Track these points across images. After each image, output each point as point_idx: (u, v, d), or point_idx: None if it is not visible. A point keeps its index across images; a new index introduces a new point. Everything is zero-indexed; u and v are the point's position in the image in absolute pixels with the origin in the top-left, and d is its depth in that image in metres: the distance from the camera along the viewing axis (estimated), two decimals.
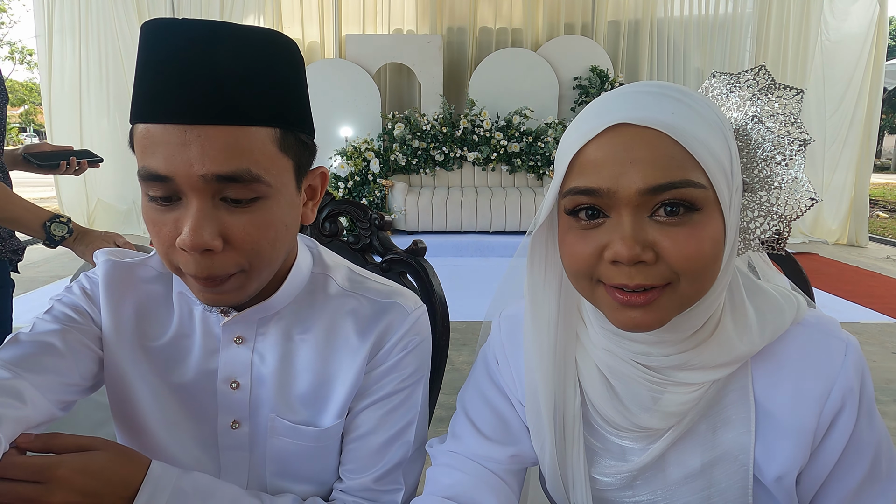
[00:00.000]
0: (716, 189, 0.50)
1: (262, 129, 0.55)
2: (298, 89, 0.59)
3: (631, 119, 0.49)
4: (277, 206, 0.59)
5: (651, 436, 0.61)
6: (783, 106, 0.56)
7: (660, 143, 0.49)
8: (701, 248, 0.49)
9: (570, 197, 0.52)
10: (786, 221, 0.55)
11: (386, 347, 0.70)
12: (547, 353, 0.62)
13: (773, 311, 0.58)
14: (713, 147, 0.50)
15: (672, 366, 0.57)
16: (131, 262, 0.71)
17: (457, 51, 6.91)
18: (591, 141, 0.51)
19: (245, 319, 0.67)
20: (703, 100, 0.53)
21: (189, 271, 0.57)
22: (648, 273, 0.50)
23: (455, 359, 2.86)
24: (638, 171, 0.49)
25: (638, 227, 0.50)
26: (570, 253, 0.54)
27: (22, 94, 29.67)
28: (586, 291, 0.55)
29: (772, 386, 0.58)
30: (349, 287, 0.72)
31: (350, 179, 5.71)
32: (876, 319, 3.69)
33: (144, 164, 0.54)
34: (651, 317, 0.51)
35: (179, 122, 0.52)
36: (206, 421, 0.69)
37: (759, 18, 6.19)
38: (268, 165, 0.56)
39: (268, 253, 0.59)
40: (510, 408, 0.70)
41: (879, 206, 8.75)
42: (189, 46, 0.52)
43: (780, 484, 0.57)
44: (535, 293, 0.62)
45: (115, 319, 0.68)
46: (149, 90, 0.53)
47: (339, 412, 0.69)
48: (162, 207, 0.56)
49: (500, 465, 0.67)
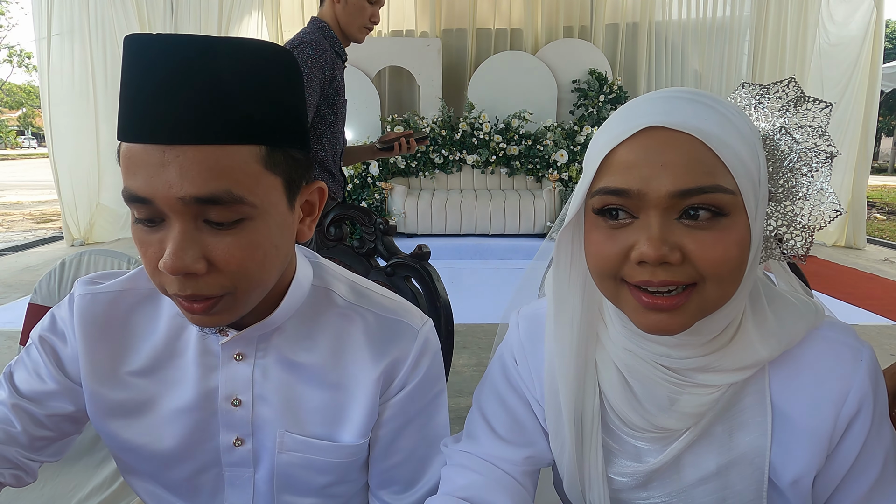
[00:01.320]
0: (743, 195, 0.50)
1: (245, 147, 0.53)
2: (290, 103, 0.57)
3: (664, 122, 0.50)
4: (265, 226, 0.56)
5: (668, 437, 0.61)
6: (811, 118, 0.56)
7: (691, 148, 0.49)
8: (728, 253, 0.50)
9: (599, 196, 0.53)
10: (809, 232, 0.56)
11: (402, 375, 0.69)
12: (569, 352, 0.62)
13: (793, 317, 0.58)
14: (743, 154, 0.50)
15: (692, 368, 0.57)
16: (115, 292, 0.69)
17: (455, 54, 6.93)
18: (623, 143, 0.51)
19: (245, 337, 0.66)
20: (735, 108, 0.54)
21: (172, 291, 0.55)
22: (674, 272, 0.50)
23: (455, 361, 2.86)
24: (668, 174, 0.49)
25: (666, 228, 0.50)
26: (596, 252, 0.54)
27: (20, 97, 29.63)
28: (610, 292, 0.55)
29: (789, 390, 0.58)
30: (353, 300, 0.71)
31: (349, 182, 5.71)
32: (874, 321, 3.69)
33: (126, 184, 0.53)
34: (675, 321, 0.52)
35: (158, 142, 0.51)
36: (208, 439, 0.68)
37: (757, 21, 6.21)
38: (251, 185, 0.54)
39: (256, 275, 0.57)
40: (526, 409, 0.70)
41: (877, 209, 8.78)
42: (166, 64, 0.50)
43: (796, 487, 0.57)
44: (559, 292, 0.63)
45: (93, 357, 0.67)
46: (129, 109, 0.52)
47: (360, 431, 0.68)
48: (147, 228, 0.54)
49: (516, 466, 0.67)
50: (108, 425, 0.68)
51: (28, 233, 7.18)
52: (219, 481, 0.70)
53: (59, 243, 6.20)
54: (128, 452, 0.70)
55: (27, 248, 6.13)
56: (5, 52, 23.40)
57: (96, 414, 0.68)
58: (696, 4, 6.69)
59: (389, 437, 0.70)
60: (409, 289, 1.00)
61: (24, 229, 7.49)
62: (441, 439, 0.73)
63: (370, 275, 1.01)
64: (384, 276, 1.01)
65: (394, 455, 0.71)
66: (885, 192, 10.49)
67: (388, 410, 0.69)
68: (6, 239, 6.69)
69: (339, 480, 0.71)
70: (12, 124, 31.95)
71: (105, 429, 0.69)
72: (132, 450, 0.69)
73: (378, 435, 0.70)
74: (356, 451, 0.69)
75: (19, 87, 29.49)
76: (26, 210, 9.37)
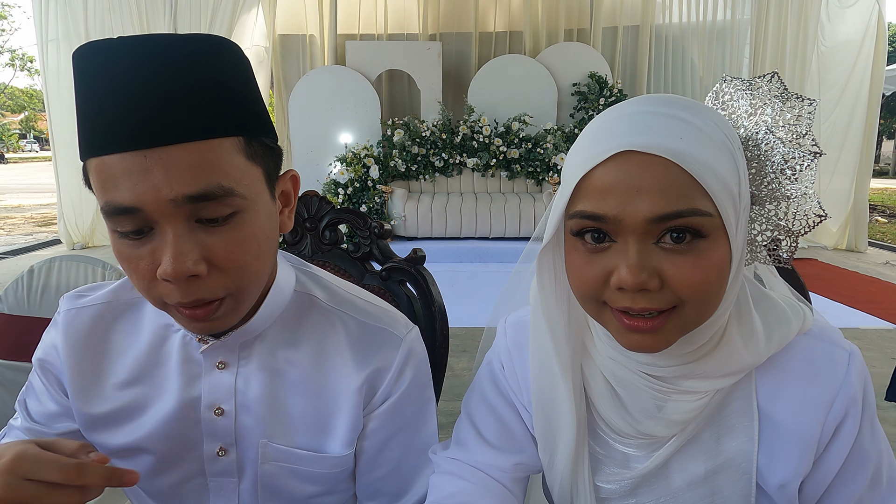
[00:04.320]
0: (722, 215, 0.50)
1: (227, 139, 0.52)
2: (253, 93, 0.56)
3: (638, 146, 0.49)
4: (256, 217, 0.56)
5: (655, 443, 0.61)
6: (795, 116, 0.55)
7: (667, 172, 0.48)
8: (706, 277, 0.50)
9: (576, 220, 0.52)
10: (793, 237, 0.56)
11: (385, 384, 0.67)
12: (559, 364, 0.62)
13: (780, 321, 0.58)
14: (720, 171, 0.49)
15: (677, 375, 0.57)
16: (100, 305, 0.69)
17: (455, 57, 6.94)
18: (598, 166, 0.50)
19: (226, 345, 0.64)
20: (712, 116, 0.52)
21: (175, 300, 0.54)
22: (653, 298, 0.50)
23: (455, 365, 2.86)
24: (644, 200, 0.48)
25: (643, 254, 0.50)
26: (577, 276, 0.54)
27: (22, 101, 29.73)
28: (594, 312, 0.56)
29: (775, 395, 0.58)
30: (336, 305, 0.70)
31: (350, 186, 5.72)
32: (875, 325, 3.69)
33: (108, 199, 0.50)
34: (656, 340, 0.52)
35: (137, 147, 0.49)
36: (191, 448, 0.67)
37: (757, 24, 6.22)
38: (238, 177, 0.53)
39: (254, 268, 0.57)
40: (515, 415, 0.70)
41: (878, 212, 8.76)
42: (133, 66, 0.49)
43: (783, 492, 0.57)
44: (547, 305, 0.62)
45: (78, 373, 0.67)
46: (97, 120, 0.50)
47: (345, 441, 0.67)
48: (134, 242, 0.52)
49: (504, 472, 0.67)
50: (95, 436, 0.68)
51: (29, 236, 7.19)
52: (203, 490, 0.69)
53: (59, 247, 6.21)
54: (114, 460, 0.70)
55: (28, 251, 6.14)
56: (7, 56, 23.49)
57: (84, 426, 0.69)
58: (696, 7, 6.70)
59: (375, 449, 0.69)
60: (405, 293, 1.00)
61: (26, 233, 7.51)
62: (429, 449, 0.72)
63: (365, 279, 1.01)
64: (379, 280, 1.01)
65: (380, 467, 0.69)
66: (887, 196, 10.49)
67: (372, 422, 0.68)
68: (7, 242, 6.70)
69: (327, 491, 0.70)
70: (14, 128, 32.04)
71: (92, 439, 0.69)
72: (117, 458, 0.69)
73: (363, 446, 0.69)
74: (341, 462, 0.68)
75: (21, 90, 29.58)
76: (27, 214, 9.39)
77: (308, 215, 1.01)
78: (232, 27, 5.78)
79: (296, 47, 6.98)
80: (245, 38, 5.88)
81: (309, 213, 1.01)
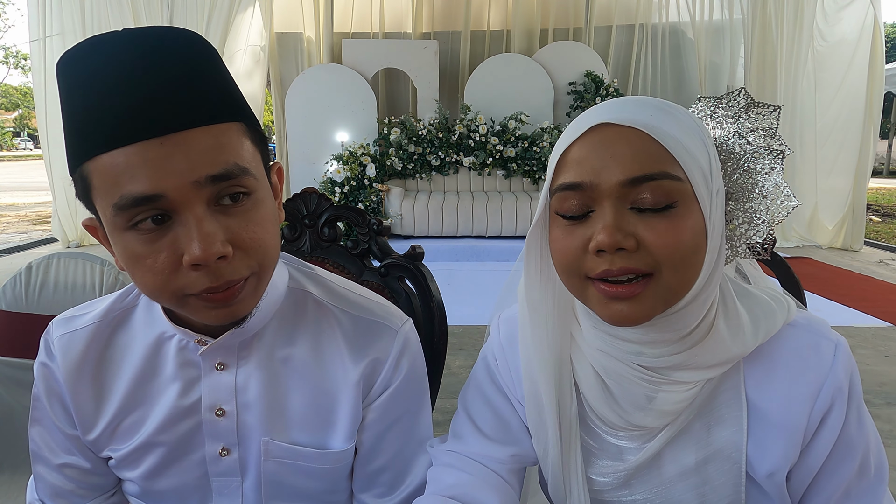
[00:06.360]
0: (692, 183, 0.53)
1: (233, 123, 0.54)
2: (234, 83, 0.57)
3: (611, 119, 0.53)
4: (267, 198, 0.58)
5: (646, 434, 0.62)
6: (762, 121, 0.61)
7: (638, 140, 0.53)
8: (680, 238, 0.52)
9: (557, 194, 0.56)
10: (768, 226, 0.59)
11: (383, 376, 0.69)
12: (546, 354, 0.64)
13: (765, 313, 0.60)
14: (689, 146, 0.53)
15: (666, 366, 0.58)
16: (93, 325, 0.69)
17: (451, 56, 6.94)
18: (576, 141, 0.55)
19: (224, 345, 0.64)
20: (683, 110, 0.57)
21: (202, 286, 0.53)
22: (630, 258, 0.52)
23: (451, 363, 2.87)
24: (618, 165, 0.52)
25: (619, 216, 0.53)
26: (558, 248, 0.57)
27: (16, 99, 29.55)
28: (576, 289, 0.57)
29: (763, 385, 0.59)
30: (331, 301, 0.70)
31: (346, 184, 5.72)
32: (869, 323, 3.71)
33: (123, 192, 0.50)
34: (637, 310, 0.54)
35: (153, 135, 0.49)
36: (193, 450, 0.68)
37: (752, 24, 6.23)
38: (249, 158, 0.55)
39: (273, 248, 0.58)
40: (510, 408, 0.71)
41: (872, 211, 8.81)
42: (134, 58, 0.49)
43: (772, 480, 0.58)
44: (531, 294, 0.64)
45: (78, 402, 0.68)
46: (106, 116, 0.49)
47: (345, 436, 0.68)
48: (151, 236, 0.52)
49: (502, 464, 0.68)
50: (100, 448, 0.70)
51: (24, 234, 7.16)
52: (206, 491, 0.70)
53: (54, 245, 6.18)
54: (116, 466, 0.71)
55: (22, 249, 6.12)
56: (1, 54, 23.35)
57: (90, 443, 0.70)
58: (691, 7, 6.70)
59: (374, 440, 0.70)
60: (403, 289, 1.00)
61: (20, 231, 7.48)
62: (425, 439, 0.73)
63: (364, 275, 1.02)
64: (378, 277, 1.02)
65: (378, 458, 0.70)
66: (881, 195, 10.55)
67: (371, 413, 0.69)
68: (1, 241, 6.67)
69: (330, 489, 0.70)
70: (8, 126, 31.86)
71: (97, 449, 0.71)
72: (120, 464, 0.70)
73: (362, 438, 0.70)
74: (343, 457, 0.68)
75: (16, 88, 29.41)
76: (22, 212, 9.35)
77: (307, 212, 1.02)
78: (229, 25, 5.76)
79: (292, 45, 6.97)
80: (241, 36, 5.86)
81: (308, 209, 1.02)
